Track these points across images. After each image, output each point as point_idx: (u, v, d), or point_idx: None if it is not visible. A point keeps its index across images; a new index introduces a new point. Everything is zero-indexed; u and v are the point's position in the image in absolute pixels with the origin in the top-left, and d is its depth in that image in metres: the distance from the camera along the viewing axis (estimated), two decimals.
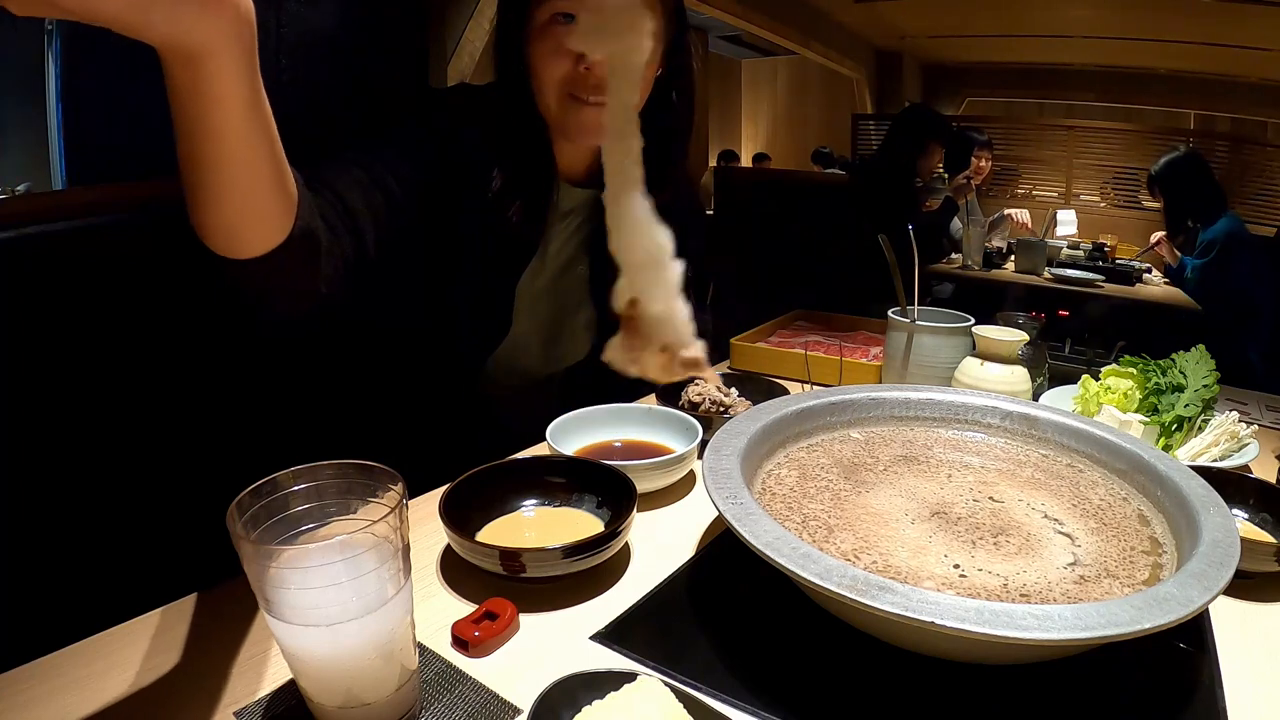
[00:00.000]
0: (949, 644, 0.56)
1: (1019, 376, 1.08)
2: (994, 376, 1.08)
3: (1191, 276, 3.18)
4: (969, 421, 0.94)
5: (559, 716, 0.52)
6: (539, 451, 0.96)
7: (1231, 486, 0.81)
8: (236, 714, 0.55)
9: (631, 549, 0.80)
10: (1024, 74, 6.55)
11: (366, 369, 1.19)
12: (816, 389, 0.96)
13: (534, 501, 0.83)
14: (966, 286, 3.38)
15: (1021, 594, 0.62)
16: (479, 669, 0.61)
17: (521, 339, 1.15)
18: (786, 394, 1.03)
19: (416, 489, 0.88)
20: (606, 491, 0.81)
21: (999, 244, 3.76)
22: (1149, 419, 1.01)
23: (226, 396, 1.08)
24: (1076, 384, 1.13)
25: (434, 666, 0.61)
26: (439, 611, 0.68)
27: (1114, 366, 1.11)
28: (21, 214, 0.92)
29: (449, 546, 0.76)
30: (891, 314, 1.23)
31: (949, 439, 0.92)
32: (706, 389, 1.11)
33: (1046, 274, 3.50)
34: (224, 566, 0.56)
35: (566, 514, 0.82)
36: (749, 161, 8.38)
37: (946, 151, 3.21)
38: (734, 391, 1.13)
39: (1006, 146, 6.10)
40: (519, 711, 0.56)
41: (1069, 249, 3.93)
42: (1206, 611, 0.68)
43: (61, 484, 0.93)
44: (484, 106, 1.08)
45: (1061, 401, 1.13)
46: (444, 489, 0.77)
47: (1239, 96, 5.62)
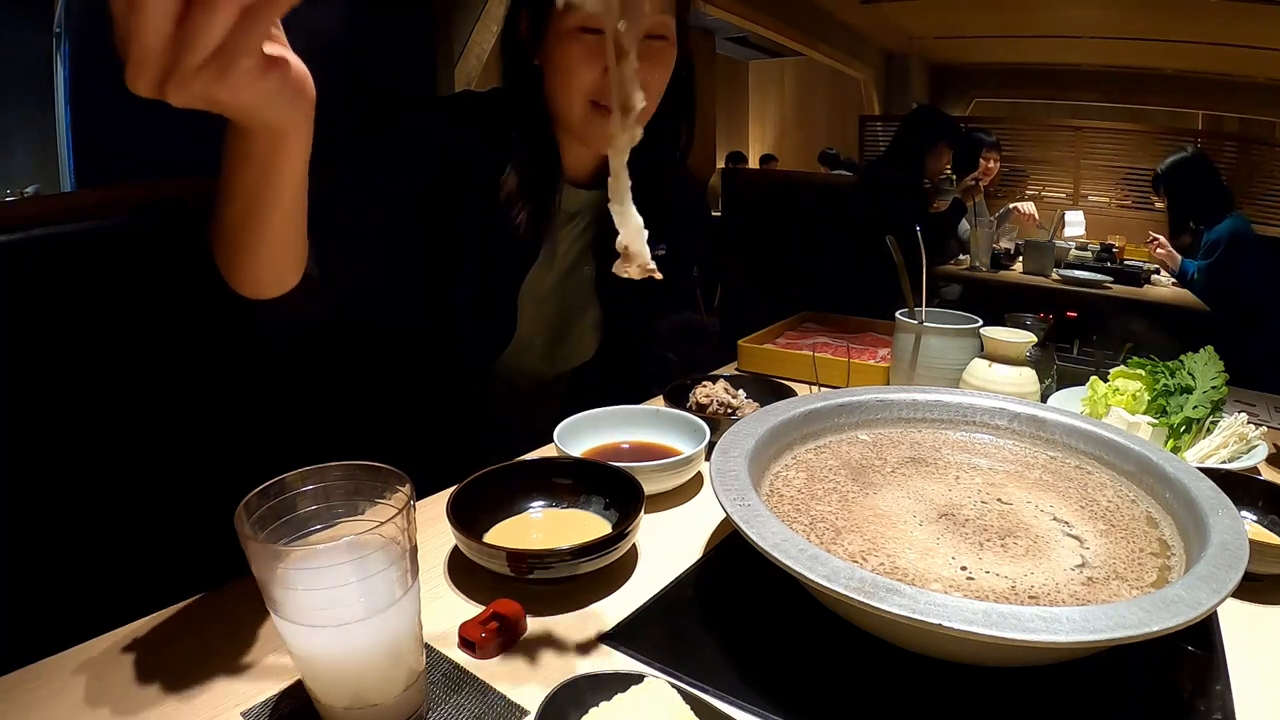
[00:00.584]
0: (956, 646, 0.56)
1: (1027, 378, 1.08)
2: (1002, 378, 1.08)
3: (1198, 277, 3.16)
4: (977, 423, 0.94)
5: (566, 718, 0.52)
6: (546, 453, 0.97)
7: (1240, 488, 0.81)
8: (243, 714, 0.55)
9: (639, 551, 0.80)
10: (1031, 75, 6.55)
11: (374, 370, 1.19)
12: (824, 391, 0.96)
13: (541, 503, 0.83)
14: (974, 288, 3.38)
15: (1029, 596, 0.62)
16: (486, 670, 0.61)
17: (528, 340, 1.15)
18: (794, 396, 1.03)
19: (424, 490, 0.88)
20: (614, 493, 0.81)
21: (1007, 245, 3.75)
22: (1157, 421, 1.01)
23: (234, 396, 1.08)
24: (1085, 385, 1.13)
25: (441, 668, 0.61)
26: (446, 613, 0.68)
27: (1122, 368, 1.10)
28: (30, 216, 0.93)
29: (456, 548, 0.76)
30: (899, 315, 1.23)
31: (957, 441, 0.92)
32: (715, 391, 1.11)
33: (1054, 275, 3.48)
34: (231, 567, 0.56)
35: (574, 515, 0.82)
36: (756, 163, 8.39)
37: (954, 153, 3.19)
38: (742, 393, 1.13)
39: (1014, 147, 6.09)
40: (526, 713, 0.56)
41: (1077, 250, 3.91)
42: (1215, 614, 0.68)
43: (69, 485, 0.94)
44: (487, 110, 1.08)
45: (1069, 403, 1.12)
46: (452, 490, 0.77)
47: (1246, 96, 5.61)
